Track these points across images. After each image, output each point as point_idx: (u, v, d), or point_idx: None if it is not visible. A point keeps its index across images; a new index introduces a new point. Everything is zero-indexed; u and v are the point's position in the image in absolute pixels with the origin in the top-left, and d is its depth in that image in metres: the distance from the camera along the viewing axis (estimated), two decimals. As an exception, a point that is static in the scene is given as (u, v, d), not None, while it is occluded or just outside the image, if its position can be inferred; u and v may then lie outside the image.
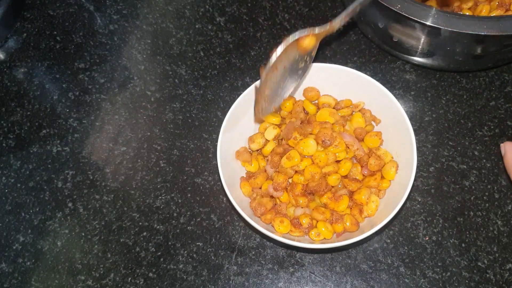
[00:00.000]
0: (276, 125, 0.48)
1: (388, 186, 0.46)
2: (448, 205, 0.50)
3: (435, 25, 0.44)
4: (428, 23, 0.44)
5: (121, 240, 0.50)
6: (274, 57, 0.41)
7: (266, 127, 0.49)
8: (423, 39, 0.49)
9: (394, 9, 0.45)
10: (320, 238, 0.44)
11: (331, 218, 0.45)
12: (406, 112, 0.46)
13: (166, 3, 0.65)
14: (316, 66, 0.49)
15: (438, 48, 0.50)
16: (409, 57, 0.55)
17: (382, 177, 0.46)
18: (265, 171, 0.48)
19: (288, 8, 0.63)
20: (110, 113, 0.57)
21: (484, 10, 0.51)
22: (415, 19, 0.44)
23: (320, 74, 0.50)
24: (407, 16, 0.44)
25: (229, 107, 0.48)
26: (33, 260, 0.50)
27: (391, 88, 0.54)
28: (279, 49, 0.40)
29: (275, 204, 0.46)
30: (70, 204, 0.52)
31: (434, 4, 0.54)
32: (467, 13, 0.52)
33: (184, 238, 0.50)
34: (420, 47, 0.51)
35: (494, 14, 0.51)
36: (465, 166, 0.52)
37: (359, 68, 0.52)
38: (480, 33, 0.43)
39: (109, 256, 0.50)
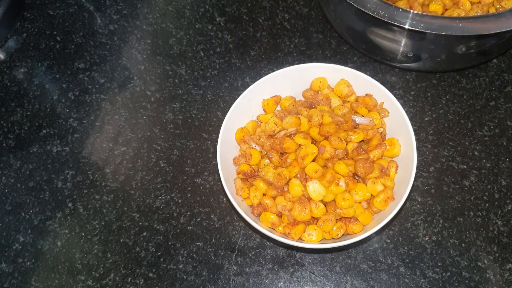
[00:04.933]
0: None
1: (392, 186, 0.46)
2: (448, 205, 0.50)
3: (421, 29, 0.44)
4: (412, 28, 0.44)
5: (121, 240, 0.50)
6: None
7: (268, 119, 0.48)
8: (408, 43, 0.49)
9: (375, 15, 0.45)
10: (312, 240, 0.44)
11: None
12: (406, 112, 0.46)
13: (166, 3, 0.65)
14: (316, 66, 0.49)
15: (424, 51, 0.50)
16: (392, 63, 0.55)
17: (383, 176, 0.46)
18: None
19: (288, 8, 0.63)
20: (110, 113, 0.57)
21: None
22: (398, 24, 0.44)
23: (320, 74, 0.50)
24: (389, 22, 0.45)
25: (229, 107, 0.48)
26: (33, 260, 0.50)
27: (391, 88, 0.54)
28: None
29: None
30: (70, 204, 0.52)
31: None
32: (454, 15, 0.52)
33: (184, 238, 0.50)
34: (401, 51, 0.51)
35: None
36: (465, 166, 0.52)
37: (359, 68, 0.52)
38: (468, 34, 0.44)
39: (109, 256, 0.50)
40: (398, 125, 0.47)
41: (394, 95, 0.47)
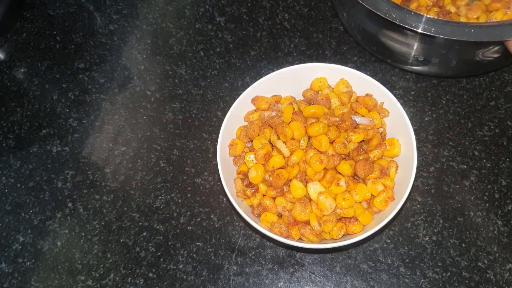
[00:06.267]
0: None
1: (392, 186, 0.46)
2: (448, 205, 0.50)
3: (431, 33, 0.44)
4: (423, 32, 0.44)
5: (121, 240, 0.50)
6: None
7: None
8: (418, 46, 0.49)
9: (388, 18, 0.45)
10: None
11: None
12: (406, 112, 0.46)
13: (166, 3, 0.65)
14: (316, 66, 0.49)
15: (433, 55, 0.50)
16: (403, 66, 0.55)
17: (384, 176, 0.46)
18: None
19: (288, 8, 0.63)
20: (110, 113, 0.57)
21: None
22: (409, 27, 0.44)
23: (320, 74, 0.50)
24: (402, 25, 0.44)
25: (229, 107, 0.48)
26: (33, 260, 0.50)
27: (391, 88, 0.54)
28: None
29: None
30: (70, 204, 0.52)
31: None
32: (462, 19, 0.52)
33: (184, 238, 0.50)
34: (413, 54, 0.51)
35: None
36: (465, 166, 0.52)
37: (359, 68, 0.52)
38: (479, 40, 0.43)
39: (109, 256, 0.50)
40: (398, 125, 0.47)
41: (394, 95, 0.47)
